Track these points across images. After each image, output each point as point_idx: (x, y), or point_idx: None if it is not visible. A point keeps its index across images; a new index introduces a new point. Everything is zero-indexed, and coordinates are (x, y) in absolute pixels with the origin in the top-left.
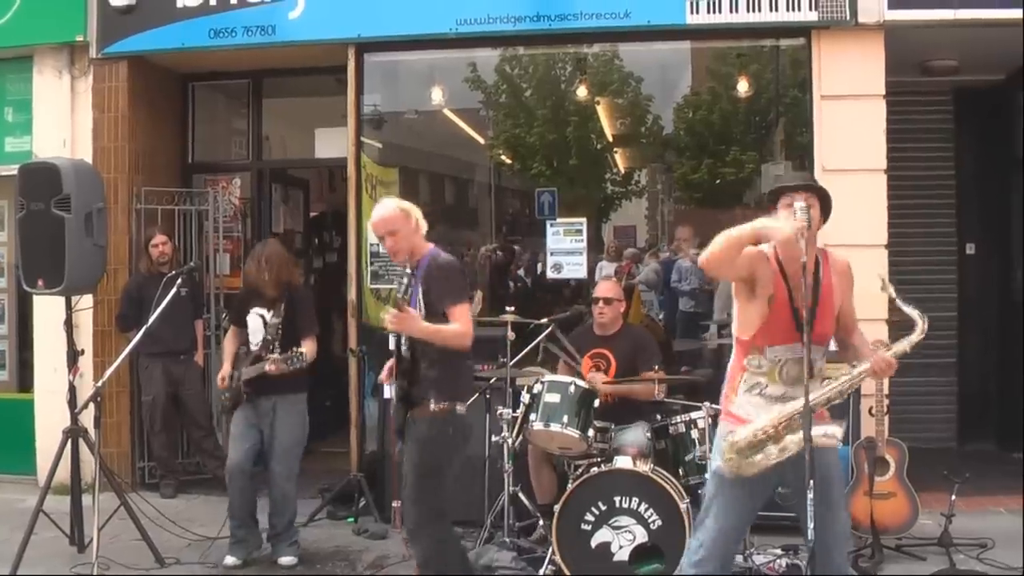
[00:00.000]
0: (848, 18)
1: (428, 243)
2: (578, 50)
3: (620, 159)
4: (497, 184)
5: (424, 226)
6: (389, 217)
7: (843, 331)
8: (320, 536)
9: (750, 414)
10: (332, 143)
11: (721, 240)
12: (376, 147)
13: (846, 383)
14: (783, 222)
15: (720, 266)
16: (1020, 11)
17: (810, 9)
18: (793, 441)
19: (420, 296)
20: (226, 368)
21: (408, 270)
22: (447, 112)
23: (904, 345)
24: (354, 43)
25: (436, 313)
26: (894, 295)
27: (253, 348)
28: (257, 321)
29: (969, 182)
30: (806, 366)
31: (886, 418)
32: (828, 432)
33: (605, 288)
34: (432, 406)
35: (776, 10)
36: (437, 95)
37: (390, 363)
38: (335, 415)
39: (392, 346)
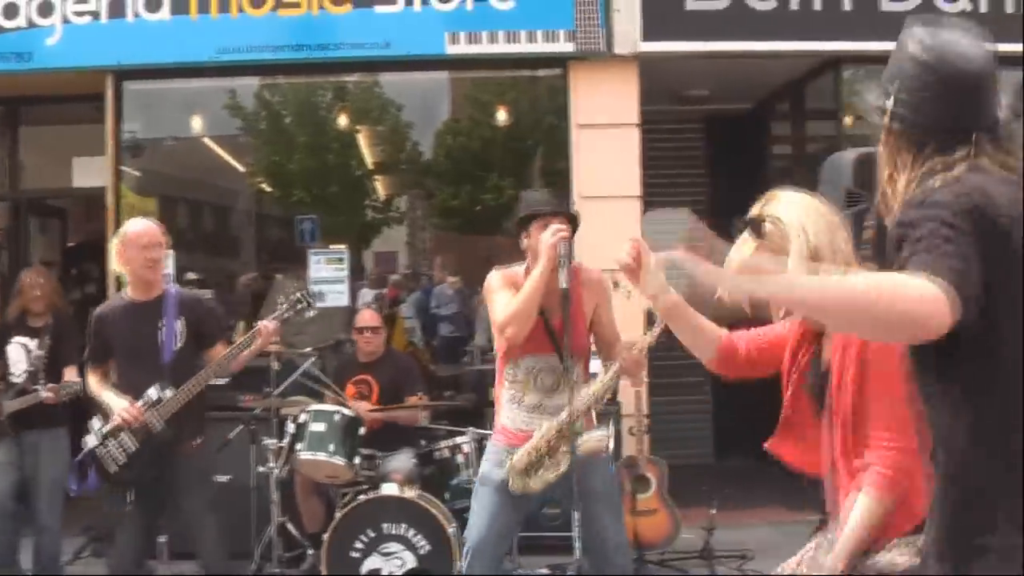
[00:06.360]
0: (604, 49)
1: None
2: (339, 79)
3: (381, 186)
4: (258, 212)
5: None
6: (158, 230)
7: (605, 345)
8: (85, 573)
9: (516, 423)
10: (91, 172)
11: (518, 303)
12: (135, 176)
13: (601, 386)
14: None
15: (529, 319)
16: (767, 43)
17: (567, 40)
18: (566, 455)
19: (181, 328)
20: None
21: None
22: (207, 140)
23: (648, 339)
24: (112, 70)
25: (205, 345)
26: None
27: (14, 380)
28: (19, 351)
29: (722, 206)
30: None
31: (646, 437)
32: (596, 436)
33: (369, 317)
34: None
35: (534, 41)
36: (197, 123)
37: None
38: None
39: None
